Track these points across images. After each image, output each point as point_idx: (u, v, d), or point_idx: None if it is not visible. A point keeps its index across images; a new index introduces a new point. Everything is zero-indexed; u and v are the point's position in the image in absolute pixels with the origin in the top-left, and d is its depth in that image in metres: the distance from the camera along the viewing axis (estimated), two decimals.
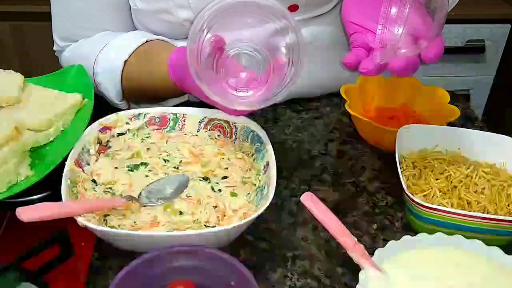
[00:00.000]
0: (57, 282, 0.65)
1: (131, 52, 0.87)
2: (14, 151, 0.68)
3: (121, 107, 0.94)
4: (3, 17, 1.76)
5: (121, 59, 0.87)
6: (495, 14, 1.87)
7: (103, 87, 0.91)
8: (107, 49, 0.89)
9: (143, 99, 0.97)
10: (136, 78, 0.89)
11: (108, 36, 0.92)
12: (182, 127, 0.84)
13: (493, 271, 0.62)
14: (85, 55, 0.92)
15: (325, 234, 0.74)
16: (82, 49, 0.94)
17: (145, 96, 0.95)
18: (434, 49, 0.63)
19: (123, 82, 0.90)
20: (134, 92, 0.92)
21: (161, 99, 0.98)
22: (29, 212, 0.58)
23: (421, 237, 0.66)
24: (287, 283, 0.67)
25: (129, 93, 0.92)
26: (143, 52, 0.88)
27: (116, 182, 0.74)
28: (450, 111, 0.89)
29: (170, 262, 0.60)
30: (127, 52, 0.87)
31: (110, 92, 0.91)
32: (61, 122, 0.77)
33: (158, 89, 0.88)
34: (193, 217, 0.70)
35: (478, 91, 2.04)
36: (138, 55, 0.88)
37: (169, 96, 0.94)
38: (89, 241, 0.70)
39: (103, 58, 0.89)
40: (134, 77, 0.89)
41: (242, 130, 0.82)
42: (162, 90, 0.88)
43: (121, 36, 0.91)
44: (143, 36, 0.90)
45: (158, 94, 0.92)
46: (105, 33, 0.94)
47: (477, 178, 0.75)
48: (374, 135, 0.89)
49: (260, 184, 0.75)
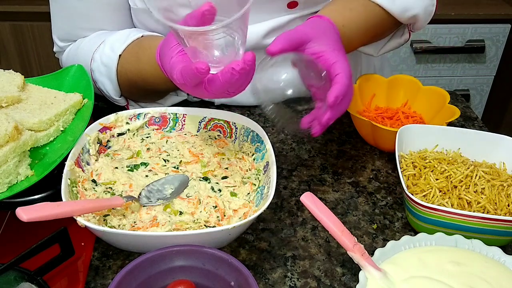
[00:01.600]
0: (57, 282, 0.65)
1: (125, 47, 0.87)
2: (14, 151, 0.68)
3: (119, 104, 0.94)
4: (3, 17, 1.76)
5: (116, 54, 0.87)
6: (495, 14, 1.87)
7: (100, 84, 0.91)
8: (103, 46, 0.89)
9: (139, 95, 0.96)
10: (129, 72, 0.88)
11: (105, 34, 0.92)
12: (182, 127, 0.84)
13: (493, 271, 0.62)
14: (82, 54, 0.92)
15: (325, 234, 0.74)
16: (80, 48, 0.94)
17: (141, 91, 0.94)
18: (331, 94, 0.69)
19: (119, 76, 0.89)
20: (129, 87, 0.92)
21: (157, 95, 0.96)
22: (29, 212, 0.58)
23: (421, 237, 0.66)
24: (287, 283, 0.67)
25: (126, 88, 0.92)
26: (136, 45, 0.87)
27: (116, 182, 0.74)
28: (450, 111, 0.89)
29: (170, 262, 0.60)
30: (121, 47, 0.87)
31: (108, 88, 0.91)
32: (61, 122, 0.77)
33: (151, 81, 0.87)
34: (193, 217, 0.70)
35: (478, 91, 2.04)
36: (132, 49, 0.87)
37: (162, 89, 0.92)
38: (89, 241, 0.70)
39: (99, 55, 0.89)
40: (128, 71, 0.88)
41: (242, 130, 0.82)
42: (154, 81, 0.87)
43: (118, 32, 0.91)
44: (138, 32, 0.90)
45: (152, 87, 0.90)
46: (102, 31, 0.94)
47: (477, 178, 0.75)
48: (374, 135, 0.89)
49: (260, 184, 0.75)
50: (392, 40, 0.98)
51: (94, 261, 0.69)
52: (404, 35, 0.98)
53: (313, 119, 0.72)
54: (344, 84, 0.69)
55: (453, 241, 0.66)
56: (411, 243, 0.65)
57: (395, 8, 0.87)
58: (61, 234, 0.63)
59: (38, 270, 0.61)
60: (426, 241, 0.66)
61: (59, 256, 0.64)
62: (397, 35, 0.98)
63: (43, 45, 1.82)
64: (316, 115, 0.72)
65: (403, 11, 0.88)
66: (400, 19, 0.89)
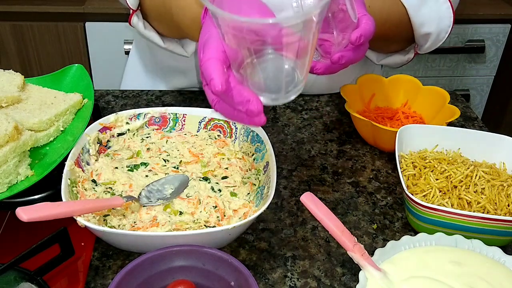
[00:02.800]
0: (57, 282, 0.65)
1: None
2: (14, 151, 0.68)
3: (131, 7, 0.88)
4: (3, 17, 1.76)
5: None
6: (495, 14, 1.87)
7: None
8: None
9: (157, 19, 0.90)
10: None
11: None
12: (182, 127, 0.84)
13: (493, 271, 0.62)
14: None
15: (325, 234, 0.74)
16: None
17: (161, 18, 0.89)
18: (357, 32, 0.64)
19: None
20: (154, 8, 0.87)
21: (176, 30, 0.89)
22: (29, 212, 0.58)
23: (421, 237, 0.66)
24: (287, 283, 0.67)
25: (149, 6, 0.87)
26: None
27: (116, 182, 0.74)
28: (450, 111, 0.89)
29: (170, 262, 0.60)
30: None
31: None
32: (61, 122, 0.77)
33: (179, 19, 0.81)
34: (193, 217, 0.70)
35: (478, 91, 2.04)
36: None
37: (184, 31, 0.84)
38: (89, 241, 0.70)
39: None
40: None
41: (242, 130, 0.82)
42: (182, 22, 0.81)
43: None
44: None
45: (177, 23, 0.84)
46: None
47: (477, 178, 0.75)
48: (374, 135, 0.89)
49: (260, 184, 0.75)
50: (396, 55, 0.98)
51: (94, 261, 0.69)
52: (408, 54, 0.98)
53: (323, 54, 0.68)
54: (370, 29, 0.65)
55: (453, 241, 0.66)
56: (411, 243, 0.65)
57: (416, 18, 0.87)
58: (61, 234, 0.63)
59: (38, 270, 0.61)
60: (426, 241, 0.66)
61: (59, 256, 0.64)
62: (402, 52, 0.98)
63: (43, 45, 1.82)
64: (326, 50, 0.67)
65: (421, 25, 0.88)
66: (415, 31, 0.89)
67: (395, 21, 0.88)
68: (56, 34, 1.80)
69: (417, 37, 0.91)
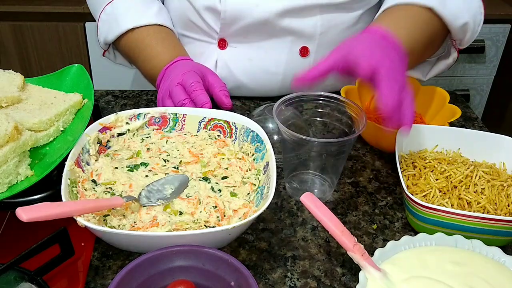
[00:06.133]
0: (57, 282, 0.65)
1: (140, 25, 0.96)
2: (14, 151, 0.68)
3: (100, 46, 1.05)
4: (3, 17, 1.76)
5: (128, 25, 0.97)
6: (495, 14, 1.86)
7: (100, 28, 1.02)
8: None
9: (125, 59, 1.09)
10: (128, 47, 0.99)
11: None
12: (182, 127, 0.84)
13: (493, 271, 0.62)
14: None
15: (325, 234, 0.74)
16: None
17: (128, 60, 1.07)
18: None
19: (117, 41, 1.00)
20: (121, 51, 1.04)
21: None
22: (29, 212, 0.58)
23: (421, 237, 0.66)
24: (287, 283, 0.67)
25: (118, 47, 1.04)
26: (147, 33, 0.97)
27: (116, 182, 0.74)
28: (450, 111, 0.89)
29: (170, 262, 0.60)
30: (139, 22, 0.97)
31: (103, 35, 1.01)
32: (61, 122, 0.77)
33: (141, 68, 1.00)
34: (193, 217, 0.70)
35: (478, 91, 2.04)
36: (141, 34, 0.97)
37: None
38: (89, 241, 0.70)
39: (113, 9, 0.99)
40: (128, 46, 0.98)
41: (242, 130, 0.82)
42: (142, 70, 1.00)
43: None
44: (159, 17, 0.98)
45: (138, 68, 1.03)
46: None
47: (477, 178, 0.75)
48: (374, 135, 0.89)
49: (260, 184, 0.75)
50: (440, 62, 0.98)
51: (94, 261, 0.69)
52: (452, 54, 0.97)
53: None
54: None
55: (453, 241, 0.66)
56: (411, 243, 0.65)
57: (446, 12, 0.86)
58: (61, 234, 0.63)
59: (38, 270, 0.61)
60: (426, 241, 0.66)
61: (59, 256, 0.64)
62: (444, 56, 0.97)
63: (43, 45, 1.82)
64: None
65: (455, 17, 0.87)
66: (451, 27, 0.88)
67: (428, 29, 0.88)
68: (56, 34, 1.80)
69: (455, 32, 0.90)
